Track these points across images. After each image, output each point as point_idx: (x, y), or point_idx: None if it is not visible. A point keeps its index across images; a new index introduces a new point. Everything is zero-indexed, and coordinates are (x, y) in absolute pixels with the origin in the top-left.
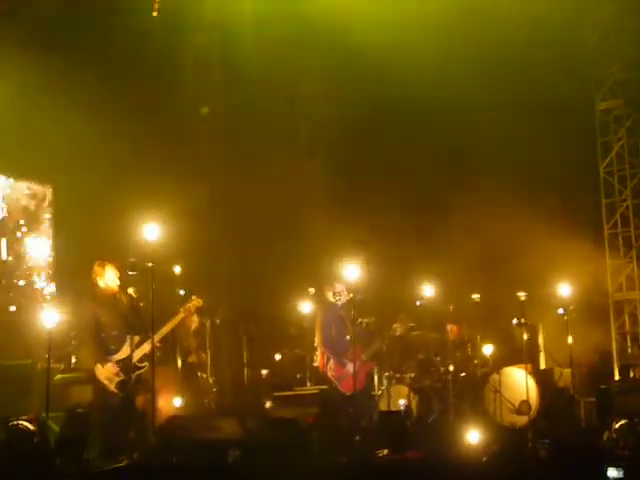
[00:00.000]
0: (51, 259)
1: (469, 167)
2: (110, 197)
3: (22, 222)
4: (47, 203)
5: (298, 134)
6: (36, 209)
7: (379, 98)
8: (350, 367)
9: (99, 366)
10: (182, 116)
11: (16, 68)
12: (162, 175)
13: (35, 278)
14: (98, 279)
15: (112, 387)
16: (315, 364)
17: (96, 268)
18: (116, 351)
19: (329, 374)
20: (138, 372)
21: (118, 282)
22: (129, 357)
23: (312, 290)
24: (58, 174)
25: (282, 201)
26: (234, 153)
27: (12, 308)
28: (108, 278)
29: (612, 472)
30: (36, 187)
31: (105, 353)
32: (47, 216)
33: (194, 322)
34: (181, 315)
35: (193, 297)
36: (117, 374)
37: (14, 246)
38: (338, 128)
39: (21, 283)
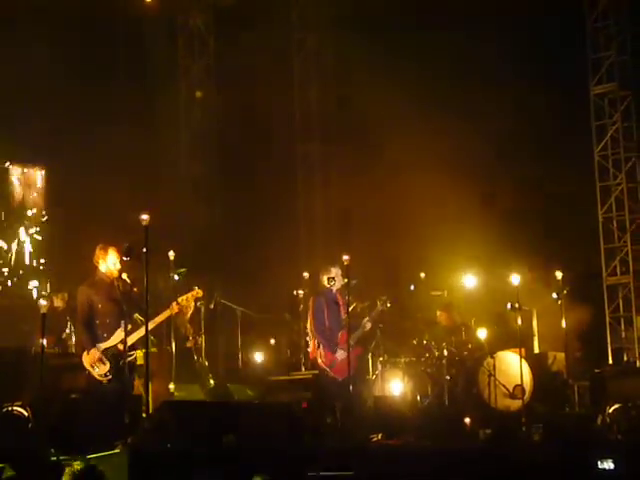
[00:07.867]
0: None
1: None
2: (104, 182)
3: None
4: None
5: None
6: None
7: None
8: (340, 353)
9: (85, 353)
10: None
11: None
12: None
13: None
14: (100, 262)
15: (95, 374)
16: (309, 349)
17: (98, 252)
18: (107, 338)
19: (319, 361)
20: (126, 360)
21: (119, 266)
22: (116, 345)
23: (307, 275)
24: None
25: (281, 187)
26: (229, 134)
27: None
28: (110, 262)
29: (603, 464)
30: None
31: (93, 340)
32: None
33: (190, 308)
34: (177, 306)
35: (195, 287)
36: (101, 360)
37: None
38: None
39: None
